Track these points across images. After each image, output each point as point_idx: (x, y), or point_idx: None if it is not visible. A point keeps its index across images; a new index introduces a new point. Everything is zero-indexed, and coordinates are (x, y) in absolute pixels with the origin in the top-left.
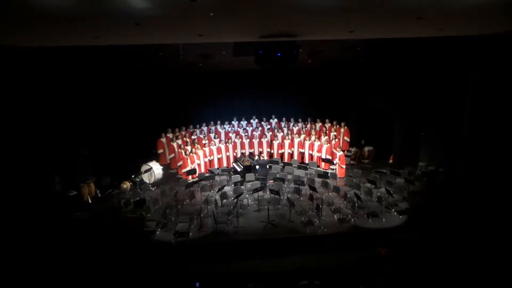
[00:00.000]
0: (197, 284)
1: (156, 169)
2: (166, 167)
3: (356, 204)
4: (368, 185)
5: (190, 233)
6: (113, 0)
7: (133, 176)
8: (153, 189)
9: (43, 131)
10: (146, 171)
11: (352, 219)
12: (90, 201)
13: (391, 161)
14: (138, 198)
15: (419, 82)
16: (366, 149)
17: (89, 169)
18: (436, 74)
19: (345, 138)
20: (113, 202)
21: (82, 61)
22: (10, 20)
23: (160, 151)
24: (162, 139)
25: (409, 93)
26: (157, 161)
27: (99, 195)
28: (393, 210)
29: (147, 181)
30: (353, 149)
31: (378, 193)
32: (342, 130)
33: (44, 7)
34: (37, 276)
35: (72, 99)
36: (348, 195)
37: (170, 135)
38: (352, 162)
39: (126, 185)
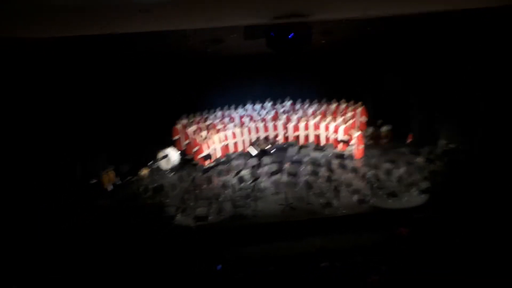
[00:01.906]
0: (219, 267)
1: (173, 155)
2: (183, 153)
3: (375, 185)
4: (387, 165)
5: (209, 217)
6: None
7: (150, 163)
8: (170, 175)
9: (62, 122)
10: (163, 157)
11: (371, 200)
12: (110, 189)
13: (410, 140)
14: (156, 185)
15: (438, 59)
16: (384, 129)
17: (108, 157)
18: (455, 50)
19: (362, 118)
20: (132, 189)
21: (96, 50)
22: (18, 11)
23: (176, 137)
24: (177, 126)
25: (428, 70)
26: (174, 147)
27: (119, 183)
28: (413, 189)
29: (165, 168)
30: (370, 129)
31: (398, 173)
32: (358, 110)
33: None
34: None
35: (90, 89)
36: (366, 176)
37: (185, 122)
38: (369, 142)
39: (145, 171)
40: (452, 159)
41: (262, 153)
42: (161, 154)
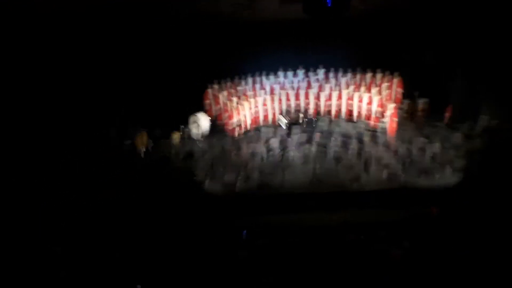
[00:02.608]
0: (244, 233)
1: (204, 120)
2: (213, 119)
3: (407, 161)
4: (422, 140)
5: (237, 184)
6: None
7: (182, 127)
8: (201, 140)
9: (99, 87)
10: (194, 122)
11: (403, 176)
12: (143, 150)
13: (448, 114)
14: (187, 150)
15: (486, 26)
16: (421, 101)
17: (141, 121)
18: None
19: (398, 89)
20: (164, 153)
21: (129, 14)
22: None
23: (207, 102)
24: (208, 91)
25: (474, 38)
26: (204, 113)
27: (152, 145)
28: (448, 167)
29: (196, 133)
30: (406, 102)
31: (433, 149)
32: (394, 81)
33: None
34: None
35: (125, 54)
36: (399, 151)
37: (216, 87)
38: (404, 116)
39: (176, 136)
40: (494, 137)
41: (292, 122)
42: (192, 120)
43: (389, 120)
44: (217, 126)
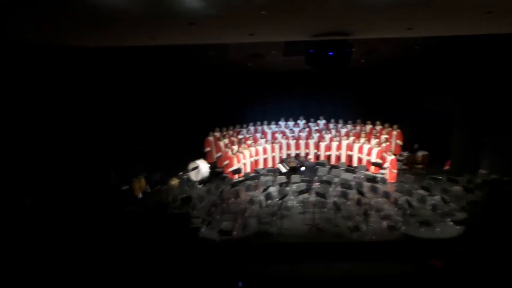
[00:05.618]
0: (240, 284)
1: (203, 167)
2: (213, 166)
3: (408, 211)
4: (421, 192)
5: (234, 232)
6: (169, 0)
7: (181, 173)
8: (199, 186)
9: (100, 129)
10: (194, 169)
11: (403, 227)
12: (140, 196)
13: (447, 167)
14: (185, 195)
15: (484, 83)
16: (420, 153)
17: (141, 165)
18: (504, 74)
19: (397, 141)
20: (161, 198)
21: (136, 61)
22: (74, 22)
23: (207, 149)
24: (209, 138)
25: (472, 95)
26: (204, 159)
27: (149, 190)
28: (449, 219)
29: (194, 179)
30: (405, 153)
31: (433, 201)
32: (394, 133)
33: (106, 8)
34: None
35: (127, 97)
36: (399, 202)
37: (217, 134)
38: (404, 167)
39: (174, 181)
40: (494, 190)
41: (292, 170)
42: (191, 165)
43: (389, 170)
44: (216, 173)
